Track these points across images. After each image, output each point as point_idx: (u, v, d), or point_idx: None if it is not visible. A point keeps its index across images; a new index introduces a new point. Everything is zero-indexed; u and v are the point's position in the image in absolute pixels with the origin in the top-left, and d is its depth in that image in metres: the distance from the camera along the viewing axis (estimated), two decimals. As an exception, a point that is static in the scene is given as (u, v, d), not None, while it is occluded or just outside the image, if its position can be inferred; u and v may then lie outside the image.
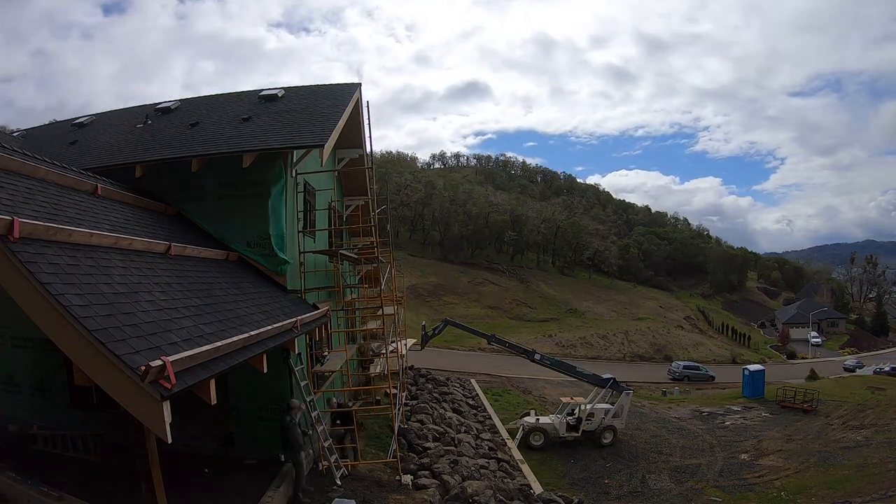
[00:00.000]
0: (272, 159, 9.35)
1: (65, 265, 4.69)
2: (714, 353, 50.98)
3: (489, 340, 22.20)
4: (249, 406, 8.62)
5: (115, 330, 4.21)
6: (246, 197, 9.36)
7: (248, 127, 10.51)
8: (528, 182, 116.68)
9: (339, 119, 10.67)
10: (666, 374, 38.74)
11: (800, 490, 16.10)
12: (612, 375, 21.27)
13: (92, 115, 14.25)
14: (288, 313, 7.85)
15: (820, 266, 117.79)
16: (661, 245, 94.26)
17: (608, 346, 48.20)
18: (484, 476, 12.20)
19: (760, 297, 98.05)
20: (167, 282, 6.10)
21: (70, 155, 10.55)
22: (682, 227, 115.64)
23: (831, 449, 19.43)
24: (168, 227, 8.53)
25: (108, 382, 3.96)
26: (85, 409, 8.14)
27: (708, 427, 22.54)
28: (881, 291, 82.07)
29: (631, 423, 21.37)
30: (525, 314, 57.56)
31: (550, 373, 23.29)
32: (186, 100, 13.76)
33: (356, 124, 13.07)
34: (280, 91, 12.80)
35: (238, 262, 9.21)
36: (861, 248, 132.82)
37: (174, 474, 5.51)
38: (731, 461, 18.59)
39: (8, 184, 5.65)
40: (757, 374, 28.08)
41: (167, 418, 3.85)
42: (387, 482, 9.34)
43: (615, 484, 16.52)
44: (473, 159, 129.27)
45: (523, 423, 19.66)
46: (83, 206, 6.77)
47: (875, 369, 40.09)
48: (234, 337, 5.33)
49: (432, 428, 14.42)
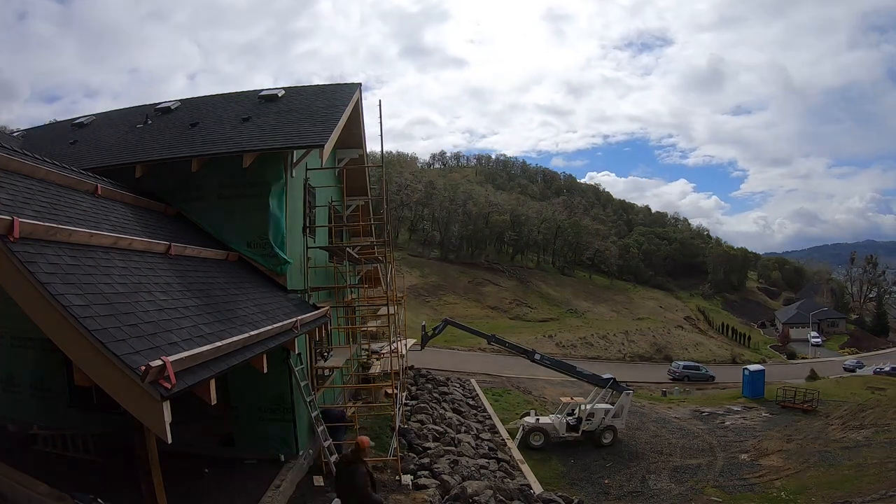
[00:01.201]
0: (272, 159, 9.35)
1: (65, 265, 4.68)
2: (714, 353, 51.04)
3: (489, 340, 22.19)
4: (249, 406, 8.62)
5: (115, 330, 4.21)
6: (246, 197, 9.34)
7: (248, 127, 10.50)
8: (528, 182, 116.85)
9: (340, 119, 10.67)
10: (666, 374, 38.80)
11: (800, 490, 16.10)
12: (612, 375, 21.26)
13: (92, 116, 14.26)
14: (288, 313, 7.85)
15: (820, 266, 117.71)
16: (661, 245, 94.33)
17: (608, 346, 48.23)
18: (484, 476, 12.19)
19: (760, 297, 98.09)
20: (167, 282, 6.10)
21: (70, 155, 10.54)
22: (682, 227, 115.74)
23: (831, 449, 19.43)
24: (168, 227, 8.53)
25: (108, 382, 3.96)
26: (85, 409, 8.14)
27: (708, 427, 22.53)
28: (881, 291, 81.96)
29: (631, 423, 21.36)
30: (525, 314, 57.62)
31: (550, 373, 23.30)
32: (186, 100, 13.75)
33: (356, 124, 13.08)
34: (280, 91, 12.80)
35: (238, 262, 9.20)
36: (861, 248, 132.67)
37: (174, 474, 5.49)
38: (731, 461, 18.58)
39: (8, 184, 5.65)
40: (757, 374, 28.08)
41: (167, 418, 3.84)
42: (387, 482, 9.34)
43: (615, 484, 16.51)
44: (473, 159, 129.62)
45: (523, 423, 19.65)
46: (83, 206, 6.77)
47: (875, 369, 40.11)
48: (234, 337, 5.33)
49: (432, 428, 14.41)
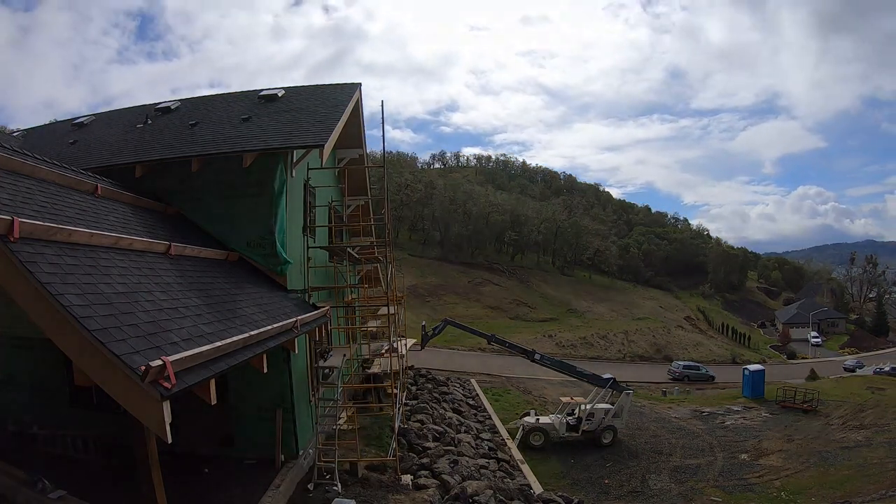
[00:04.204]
0: (272, 159, 9.35)
1: (65, 265, 4.68)
2: (714, 353, 51.00)
3: (489, 340, 22.18)
4: (249, 406, 8.62)
5: (115, 330, 4.21)
6: (246, 197, 9.35)
7: (248, 127, 10.51)
8: (528, 182, 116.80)
9: (340, 119, 10.68)
10: (666, 374, 38.78)
11: (800, 490, 16.10)
12: (612, 375, 21.26)
13: (92, 115, 14.27)
14: (288, 313, 7.85)
15: (820, 266, 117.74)
16: (661, 245, 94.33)
17: (608, 346, 48.19)
18: (484, 476, 12.20)
19: (760, 297, 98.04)
20: (167, 282, 6.10)
21: (70, 155, 10.54)
22: (682, 227, 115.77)
23: (831, 449, 19.42)
24: (168, 227, 8.52)
25: (108, 382, 3.96)
26: (85, 409, 8.14)
27: (708, 427, 22.52)
28: (881, 291, 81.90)
29: (631, 423, 21.36)
30: (525, 314, 57.55)
31: (550, 373, 23.30)
32: (186, 100, 13.77)
33: (356, 124, 13.08)
34: (280, 91, 12.80)
35: (238, 262, 9.20)
36: (861, 248, 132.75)
37: (174, 474, 5.50)
38: (731, 461, 18.58)
39: (8, 184, 5.65)
40: (757, 374, 28.06)
41: (167, 418, 3.84)
42: (387, 482, 9.34)
43: (615, 484, 16.51)
44: (473, 159, 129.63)
45: (523, 423, 19.65)
46: (83, 206, 6.77)
47: (875, 369, 40.08)
48: (234, 337, 5.32)
49: (432, 428, 14.41)
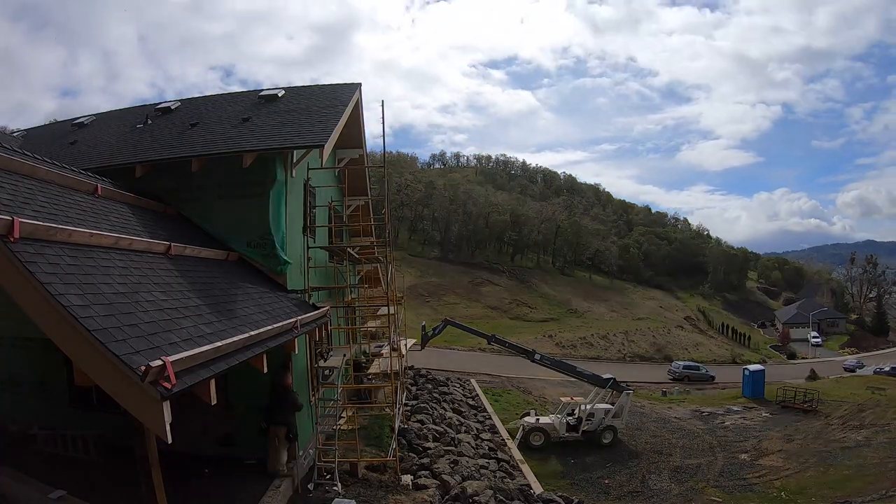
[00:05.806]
0: (272, 159, 9.35)
1: (65, 265, 4.68)
2: (714, 353, 51.03)
3: (489, 340, 22.16)
4: (249, 406, 8.60)
5: (115, 330, 4.21)
6: (246, 197, 9.35)
7: (248, 127, 10.51)
8: (528, 182, 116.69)
9: (340, 119, 10.68)
10: (666, 374, 38.78)
11: (800, 490, 16.09)
12: (612, 375, 21.25)
13: (92, 115, 14.27)
14: (288, 313, 7.85)
15: (820, 266, 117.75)
16: (661, 245, 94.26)
17: (608, 346, 48.21)
18: (484, 476, 12.19)
19: (760, 297, 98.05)
20: (167, 282, 6.10)
21: (70, 155, 10.55)
22: (682, 227, 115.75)
23: (831, 449, 19.41)
24: (168, 227, 8.52)
25: (108, 382, 3.96)
26: (85, 409, 8.13)
27: (708, 427, 22.52)
28: (881, 291, 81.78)
29: (631, 423, 21.36)
30: (525, 314, 57.59)
31: (550, 373, 23.27)
32: (186, 100, 13.76)
33: (356, 124, 13.08)
34: (280, 91, 12.80)
35: (238, 262, 9.20)
36: (861, 248, 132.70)
37: (174, 474, 5.49)
38: (731, 461, 18.57)
39: (8, 184, 5.65)
40: (757, 374, 28.09)
41: (167, 418, 3.84)
42: (387, 482, 9.34)
43: (615, 484, 16.50)
44: (473, 159, 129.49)
45: (523, 423, 19.65)
46: (83, 206, 6.77)
47: (875, 369, 40.09)
48: (234, 337, 5.32)
49: (432, 428, 14.42)
